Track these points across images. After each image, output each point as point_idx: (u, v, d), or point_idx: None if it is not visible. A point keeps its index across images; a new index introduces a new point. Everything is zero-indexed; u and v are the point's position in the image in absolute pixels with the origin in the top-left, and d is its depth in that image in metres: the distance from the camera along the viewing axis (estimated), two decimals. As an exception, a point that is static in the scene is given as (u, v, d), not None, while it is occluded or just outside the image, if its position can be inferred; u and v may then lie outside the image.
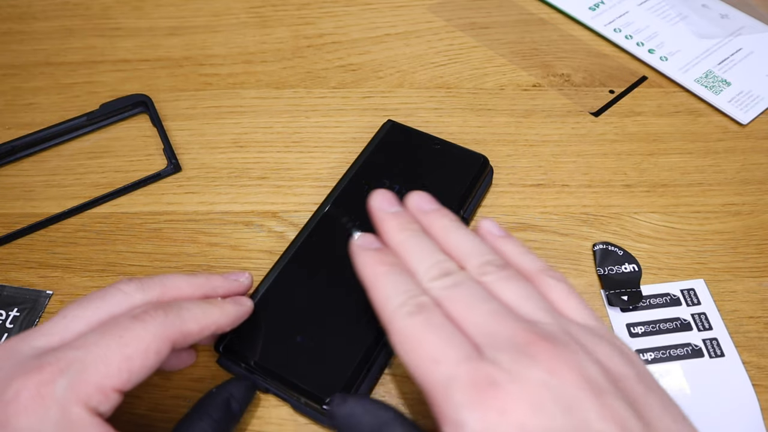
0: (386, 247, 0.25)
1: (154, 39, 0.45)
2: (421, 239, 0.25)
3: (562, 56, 0.43)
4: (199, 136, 0.39)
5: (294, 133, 0.39)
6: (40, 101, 0.42)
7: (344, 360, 0.27)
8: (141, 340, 0.22)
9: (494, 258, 0.24)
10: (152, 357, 0.22)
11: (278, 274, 0.30)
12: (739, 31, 0.44)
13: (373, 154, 0.35)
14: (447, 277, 0.23)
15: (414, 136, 0.36)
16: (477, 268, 0.24)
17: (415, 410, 0.28)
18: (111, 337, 0.22)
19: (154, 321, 0.23)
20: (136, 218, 0.35)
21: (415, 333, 0.21)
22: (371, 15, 0.46)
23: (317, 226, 0.32)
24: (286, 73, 0.42)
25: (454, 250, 0.25)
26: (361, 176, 0.34)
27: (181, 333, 0.23)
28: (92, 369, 0.21)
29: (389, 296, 0.22)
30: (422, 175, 0.34)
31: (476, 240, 0.25)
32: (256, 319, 0.29)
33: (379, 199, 0.26)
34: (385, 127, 0.37)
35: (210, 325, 0.25)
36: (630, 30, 0.44)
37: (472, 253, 0.24)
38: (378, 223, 0.26)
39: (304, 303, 0.29)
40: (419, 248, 0.24)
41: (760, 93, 0.40)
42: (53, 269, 0.33)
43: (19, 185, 0.37)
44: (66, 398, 0.20)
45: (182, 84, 0.42)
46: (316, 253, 0.31)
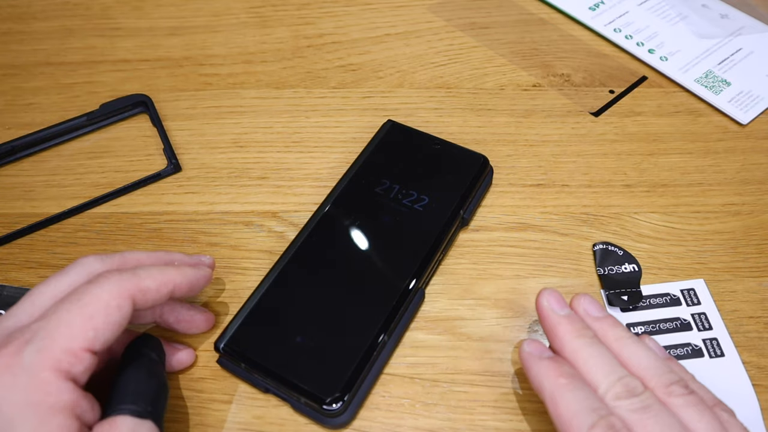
0: (558, 355, 0.25)
1: (154, 39, 0.45)
2: (599, 349, 0.24)
3: (562, 56, 0.43)
4: (199, 136, 0.39)
5: (294, 133, 0.39)
6: (40, 101, 0.42)
7: (344, 360, 0.27)
8: (99, 299, 0.23)
9: (677, 378, 0.24)
10: (114, 313, 0.23)
11: (278, 274, 0.30)
12: (739, 31, 0.44)
13: (374, 154, 0.35)
14: (634, 397, 0.23)
15: (414, 136, 0.36)
16: (662, 388, 0.23)
17: (414, 410, 0.28)
18: (70, 302, 0.23)
19: (109, 281, 0.23)
20: (136, 218, 0.35)
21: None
22: (371, 15, 0.46)
23: (317, 226, 0.32)
24: (286, 73, 0.42)
25: (631, 364, 0.24)
26: (361, 176, 0.34)
27: (138, 288, 0.24)
28: (56, 334, 0.22)
29: (576, 413, 0.22)
30: (422, 175, 0.34)
31: (653, 354, 0.25)
32: (256, 319, 0.29)
33: (549, 298, 0.26)
34: (385, 127, 0.37)
35: (167, 283, 0.25)
36: (630, 30, 0.44)
37: (653, 370, 0.24)
38: (550, 326, 0.26)
39: (304, 303, 0.29)
40: (599, 360, 0.24)
41: (760, 93, 0.40)
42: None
43: (19, 185, 0.37)
44: (34, 364, 0.21)
45: (182, 84, 0.42)
46: (316, 253, 0.31)
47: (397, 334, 0.29)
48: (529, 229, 0.34)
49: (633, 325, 0.30)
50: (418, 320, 0.31)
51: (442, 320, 0.31)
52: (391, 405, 0.28)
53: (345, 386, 0.27)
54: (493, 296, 0.31)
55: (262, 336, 0.28)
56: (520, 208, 0.35)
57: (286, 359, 0.27)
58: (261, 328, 0.29)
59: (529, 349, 0.25)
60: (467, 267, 0.33)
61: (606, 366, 0.24)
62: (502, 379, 0.29)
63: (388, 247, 0.31)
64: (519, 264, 0.33)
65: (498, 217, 0.34)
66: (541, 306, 0.26)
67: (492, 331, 0.30)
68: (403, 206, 0.33)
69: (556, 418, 0.23)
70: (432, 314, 0.31)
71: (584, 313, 0.26)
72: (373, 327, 0.28)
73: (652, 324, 0.30)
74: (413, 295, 0.30)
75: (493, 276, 0.32)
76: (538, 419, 0.28)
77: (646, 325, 0.30)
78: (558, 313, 0.26)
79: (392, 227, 0.32)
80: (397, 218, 0.32)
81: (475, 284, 0.32)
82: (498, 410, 0.28)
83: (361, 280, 0.30)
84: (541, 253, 0.33)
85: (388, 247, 0.31)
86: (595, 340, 0.25)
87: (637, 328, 0.30)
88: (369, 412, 0.28)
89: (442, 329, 0.30)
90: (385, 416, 0.28)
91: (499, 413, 0.28)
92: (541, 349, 0.25)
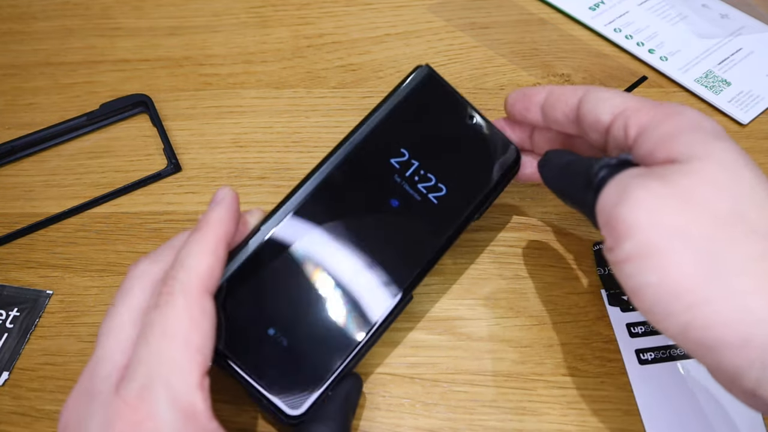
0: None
1: (154, 39, 0.45)
2: None
3: (562, 56, 0.43)
4: (199, 136, 0.39)
5: (294, 133, 0.39)
6: (40, 101, 0.42)
7: (316, 371, 0.25)
8: (181, 320, 0.21)
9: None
10: (203, 320, 0.22)
11: (255, 249, 0.26)
12: (739, 31, 0.44)
13: (400, 109, 0.29)
14: None
15: (450, 97, 0.30)
16: None
17: (414, 410, 0.28)
18: (157, 338, 0.21)
19: (173, 295, 0.22)
20: (136, 218, 0.35)
21: None
22: (371, 15, 0.46)
23: (312, 195, 0.27)
24: (286, 73, 0.42)
25: None
26: (379, 136, 0.28)
27: (202, 277, 0.22)
28: (174, 378, 0.20)
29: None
30: (447, 154, 0.29)
31: None
32: (227, 306, 0.26)
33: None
34: (420, 74, 0.29)
35: (217, 242, 0.23)
36: (630, 30, 0.44)
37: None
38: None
39: (279, 290, 0.26)
40: None
41: (760, 93, 0.40)
42: (53, 269, 0.33)
43: (20, 185, 0.37)
44: (173, 411, 0.20)
45: (182, 84, 0.42)
46: (301, 230, 0.27)
47: (376, 340, 0.26)
48: (529, 229, 0.34)
49: (633, 325, 0.30)
50: (418, 320, 0.31)
51: (442, 320, 0.31)
52: (391, 405, 0.28)
53: (311, 398, 0.25)
54: (493, 296, 0.31)
55: (232, 327, 0.25)
56: (520, 208, 0.35)
57: (253, 355, 0.25)
58: (226, 314, 0.25)
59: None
60: (467, 267, 0.33)
61: None
62: (502, 379, 0.29)
63: (388, 241, 0.27)
64: (519, 264, 0.33)
65: (498, 217, 0.34)
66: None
67: (492, 331, 0.30)
68: (417, 192, 0.28)
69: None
70: (432, 314, 0.31)
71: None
72: (354, 336, 0.26)
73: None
74: (402, 303, 0.27)
75: (493, 276, 0.32)
76: (538, 419, 0.28)
77: (646, 325, 0.30)
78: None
79: (398, 216, 0.28)
80: (406, 206, 0.28)
81: (475, 284, 0.32)
82: (498, 410, 0.28)
83: (349, 276, 0.27)
84: (541, 253, 0.33)
85: (387, 242, 0.27)
86: None
87: (638, 328, 0.30)
88: (369, 412, 0.28)
89: (442, 329, 0.30)
90: (385, 416, 0.28)
91: (499, 413, 0.28)
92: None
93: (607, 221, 0.21)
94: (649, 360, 0.29)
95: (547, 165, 0.27)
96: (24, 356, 0.31)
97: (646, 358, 0.29)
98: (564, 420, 0.28)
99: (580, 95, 0.26)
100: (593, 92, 0.25)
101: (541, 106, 0.28)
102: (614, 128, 0.24)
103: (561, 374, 0.29)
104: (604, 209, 0.21)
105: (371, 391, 0.29)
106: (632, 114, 0.23)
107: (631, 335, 0.30)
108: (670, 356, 0.29)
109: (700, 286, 0.19)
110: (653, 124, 0.22)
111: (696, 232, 0.19)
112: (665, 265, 0.19)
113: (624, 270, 0.20)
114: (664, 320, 0.19)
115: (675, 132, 0.21)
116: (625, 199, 0.20)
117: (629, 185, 0.21)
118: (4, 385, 0.30)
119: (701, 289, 0.18)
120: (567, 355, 0.29)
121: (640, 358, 0.29)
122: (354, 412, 0.26)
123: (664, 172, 0.20)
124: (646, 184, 0.20)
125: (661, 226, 0.19)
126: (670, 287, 0.19)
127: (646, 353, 0.29)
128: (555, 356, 0.29)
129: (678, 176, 0.20)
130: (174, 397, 0.20)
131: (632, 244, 0.20)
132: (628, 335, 0.30)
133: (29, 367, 0.30)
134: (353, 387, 0.26)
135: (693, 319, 0.19)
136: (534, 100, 0.28)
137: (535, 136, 0.30)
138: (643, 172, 0.21)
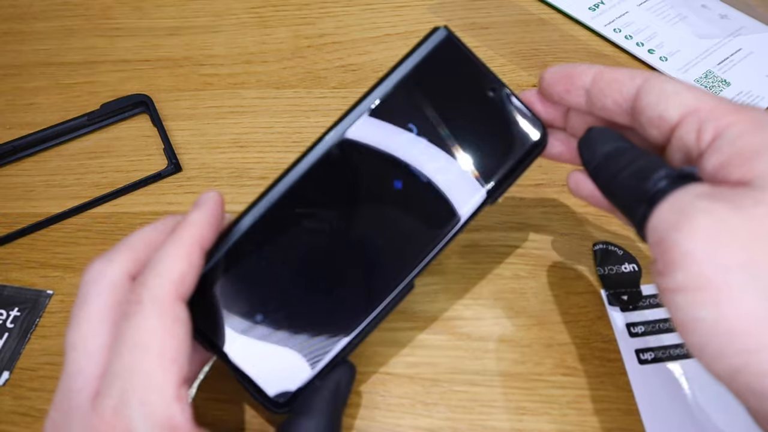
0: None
1: (154, 39, 0.45)
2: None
3: (562, 56, 0.43)
4: (199, 136, 0.39)
5: (294, 133, 0.39)
6: (40, 101, 0.42)
7: (304, 361, 0.24)
8: (153, 330, 0.20)
9: None
10: (177, 328, 0.21)
11: (247, 228, 0.25)
12: (738, 31, 0.44)
13: (411, 78, 0.25)
14: None
15: (469, 64, 0.26)
16: None
17: (414, 410, 0.28)
18: (129, 350, 0.20)
19: (143, 304, 0.21)
20: (136, 218, 0.35)
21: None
22: (371, 15, 0.46)
23: (309, 173, 0.25)
24: (286, 73, 0.43)
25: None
26: (386, 109, 0.25)
27: (174, 283, 0.21)
28: (149, 393, 0.20)
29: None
30: (462, 130, 0.25)
31: None
32: (212, 282, 0.24)
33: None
34: (437, 37, 0.26)
35: (192, 246, 0.22)
36: (630, 30, 0.44)
37: None
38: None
39: (270, 274, 0.25)
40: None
41: (759, 93, 0.40)
42: (54, 269, 0.33)
43: (20, 185, 0.37)
44: (149, 426, 0.20)
45: (182, 84, 0.42)
46: (295, 210, 0.25)
47: (371, 330, 0.25)
48: (529, 229, 0.34)
49: (633, 324, 0.30)
50: (417, 320, 0.31)
51: (442, 320, 0.31)
52: (391, 405, 0.28)
53: (297, 386, 0.24)
54: (493, 296, 0.32)
55: (214, 305, 0.24)
56: (520, 208, 0.35)
57: (240, 339, 0.24)
58: (214, 296, 0.24)
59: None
60: (467, 267, 0.33)
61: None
62: (502, 379, 0.29)
63: (389, 225, 0.25)
64: (519, 264, 0.33)
65: (498, 217, 0.34)
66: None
67: (492, 331, 0.30)
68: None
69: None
70: (432, 314, 0.31)
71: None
72: (347, 323, 0.25)
73: (652, 324, 0.30)
74: (403, 292, 0.25)
75: (493, 276, 0.32)
76: (537, 419, 0.28)
77: (646, 325, 0.30)
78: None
79: (401, 199, 0.25)
80: (410, 188, 0.25)
81: (475, 284, 0.32)
82: (497, 410, 0.28)
83: (345, 261, 0.25)
84: (541, 254, 0.33)
85: (388, 225, 0.25)
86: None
87: (637, 328, 0.30)
88: (369, 412, 0.28)
89: (442, 329, 0.31)
90: (385, 416, 0.28)
91: (498, 413, 0.28)
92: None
93: (659, 242, 0.19)
94: (649, 360, 0.29)
95: (588, 146, 0.24)
96: (24, 356, 0.31)
97: (645, 358, 0.29)
98: (564, 420, 0.28)
99: (638, 83, 0.22)
100: (656, 82, 0.22)
101: (587, 90, 0.24)
102: (683, 129, 0.21)
103: (561, 374, 0.29)
104: (657, 229, 0.19)
105: (370, 391, 0.29)
106: (709, 115, 0.20)
107: (631, 335, 0.30)
108: (670, 356, 0.29)
109: (760, 329, 0.17)
110: (734, 132, 0.19)
111: (763, 270, 0.17)
112: (722, 301, 0.17)
113: (674, 300, 0.18)
114: (715, 361, 0.18)
115: (760, 147, 0.19)
116: (685, 224, 0.18)
117: (691, 207, 0.18)
118: (4, 385, 0.30)
119: (761, 333, 0.17)
120: (567, 355, 0.29)
121: (639, 358, 0.29)
122: (345, 403, 0.25)
123: (735, 197, 0.18)
124: (712, 208, 0.18)
125: (723, 259, 0.17)
126: (725, 327, 0.17)
127: (646, 353, 0.29)
128: (555, 356, 0.29)
129: (751, 203, 0.18)
130: (150, 412, 0.20)
131: (686, 274, 0.18)
132: (628, 335, 0.30)
133: (30, 366, 0.30)
134: (344, 376, 0.25)
135: (746, 364, 0.17)
136: (578, 83, 0.24)
137: (572, 116, 0.26)
138: (710, 193, 0.19)
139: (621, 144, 0.23)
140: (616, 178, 0.22)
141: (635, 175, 0.21)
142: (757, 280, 0.17)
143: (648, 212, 0.20)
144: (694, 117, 0.20)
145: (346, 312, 0.25)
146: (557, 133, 0.27)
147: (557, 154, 0.27)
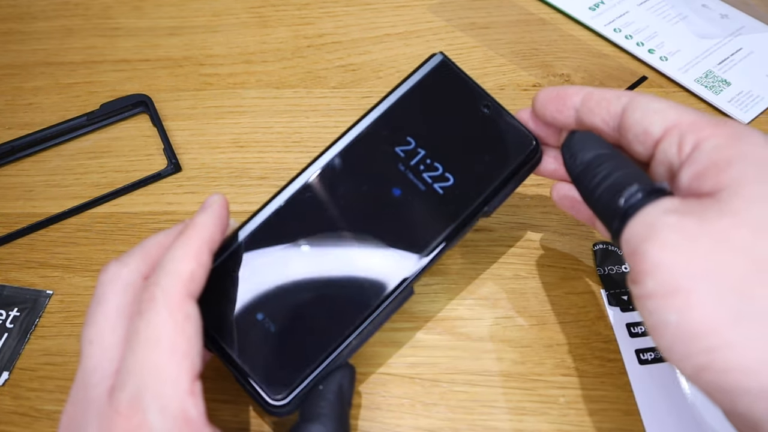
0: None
1: (154, 39, 0.45)
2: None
3: (562, 56, 0.43)
4: (199, 136, 0.39)
5: (294, 133, 0.39)
6: (40, 101, 0.42)
7: (302, 359, 0.25)
8: (165, 326, 0.21)
9: None
10: (188, 325, 0.21)
11: (250, 232, 0.26)
12: (739, 31, 0.44)
13: (408, 98, 0.28)
14: None
15: (464, 86, 0.28)
16: None
17: (414, 410, 0.28)
18: (142, 346, 0.21)
19: (155, 301, 0.21)
20: (136, 218, 0.35)
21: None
22: (371, 15, 0.46)
23: (313, 181, 0.27)
24: (286, 73, 0.42)
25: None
26: (384, 124, 0.28)
27: (184, 281, 0.22)
28: (163, 386, 0.20)
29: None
30: (457, 144, 0.28)
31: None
32: (215, 283, 0.25)
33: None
34: (433, 62, 0.29)
35: (201, 247, 0.23)
36: (630, 30, 0.44)
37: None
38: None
39: (272, 275, 0.26)
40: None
41: (760, 93, 0.40)
42: (53, 269, 0.33)
43: (20, 185, 0.37)
44: (164, 424, 0.20)
45: (182, 84, 0.42)
46: (299, 216, 0.27)
47: (369, 334, 0.26)
48: (529, 229, 0.34)
49: (633, 324, 0.30)
50: (417, 320, 0.31)
51: (442, 320, 0.31)
52: (391, 405, 0.28)
53: (295, 388, 0.24)
54: (493, 296, 0.31)
55: (217, 304, 0.25)
56: (520, 208, 0.35)
57: (240, 340, 0.25)
58: (218, 295, 0.25)
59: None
60: (467, 267, 0.33)
61: None
62: (501, 379, 0.29)
63: (388, 231, 0.26)
64: (519, 264, 0.33)
65: (498, 217, 0.34)
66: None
67: (492, 331, 0.30)
68: (421, 181, 0.27)
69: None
70: (432, 314, 0.31)
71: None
72: (345, 327, 0.25)
73: (652, 324, 0.30)
74: (401, 297, 0.26)
75: (493, 276, 0.32)
76: (537, 419, 0.28)
77: (646, 325, 0.30)
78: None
79: (400, 205, 0.27)
80: (409, 195, 0.27)
81: (475, 284, 0.32)
82: (498, 410, 0.28)
83: (344, 264, 0.26)
84: (541, 253, 0.33)
85: (387, 232, 0.26)
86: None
87: (637, 328, 0.30)
88: (369, 412, 0.28)
89: (442, 329, 0.30)
90: (385, 416, 0.28)
91: (498, 413, 0.28)
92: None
93: (632, 253, 0.20)
94: (649, 360, 0.29)
95: (571, 152, 0.25)
96: (24, 356, 0.31)
97: (646, 358, 0.29)
98: (563, 420, 0.28)
99: (624, 102, 0.24)
100: (641, 101, 0.23)
101: (577, 109, 0.25)
102: (665, 143, 0.22)
103: (561, 374, 0.29)
104: (630, 242, 0.20)
105: (371, 391, 0.29)
106: (689, 129, 0.21)
107: (631, 335, 0.30)
108: (669, 356, 0.29)
109: (722, 329, 0.18)
110: (711, 144, 0.20)
111: (725, 276, 0.18)
112: (687, 305, 0.18)
113: (645, 306, 0.20)
114: (682, 360, 0.19)
115: (732, 158, 0.20)
116: (654, 237, 0.19)
117: (659, 223, 0.20)
118: (4, 385, 0.30)
119: (723, 333, 0.18)
120: (567, 355, 0.29)
121: (640, 358, 0.29)
122: (350, 405, 0.25)
123: (701, 209, 0.19)
124: (678, 223, 0.19)
125: (688, 267, 0.19)
126: (690, 328, 0.18)
127: (646, 353, 0.29)
128: (555, 356, 0.29)
129: (715, 215, 0.19)
130: (165, 406, 0.20)
131: (655, 282, 0.19)
132: (628, 335, 0.30)
133: (29, 367, 0.30)
134: (345, 379, 0.25)
135: (711, 361, 0.18)
136: (568, 103, 0.25)
137: (565, 133, 0.28)
138: (677, 208, 0.20)
139: (601, 151, 0.24)
140: (593, 193, 0.23)
141: (610, 190, 0.22)
142: (717, 286, 0.18)
143: (621, 226, 0.21)
144: (675, 131, 0.22)
145: (345, 315, 0.25)
146: (551, 151, 0.28)
147: (551, 171, 0.28)
